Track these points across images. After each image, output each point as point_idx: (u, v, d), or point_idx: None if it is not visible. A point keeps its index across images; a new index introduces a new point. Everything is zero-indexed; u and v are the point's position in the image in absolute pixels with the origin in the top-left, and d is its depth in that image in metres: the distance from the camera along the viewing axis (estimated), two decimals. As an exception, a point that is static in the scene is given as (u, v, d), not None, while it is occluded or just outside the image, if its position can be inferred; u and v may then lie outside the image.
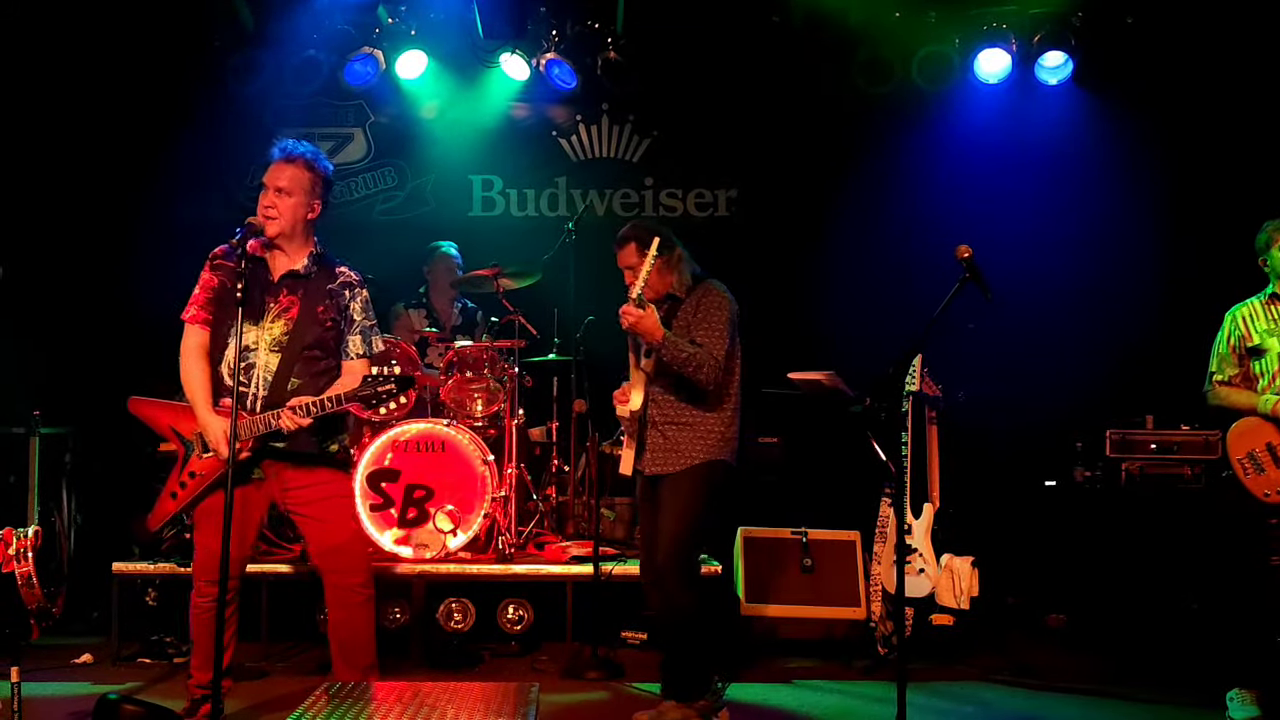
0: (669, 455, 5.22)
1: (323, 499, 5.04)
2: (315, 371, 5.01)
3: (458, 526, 6.55)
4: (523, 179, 8.78)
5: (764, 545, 6.82)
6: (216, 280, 5.01)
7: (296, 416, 4.82)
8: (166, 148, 7.98)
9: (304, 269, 5.03)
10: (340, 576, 5.03)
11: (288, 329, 4.96)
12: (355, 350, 5.11)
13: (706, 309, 5.22)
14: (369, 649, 5.09)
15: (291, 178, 4.96)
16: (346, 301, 5.10)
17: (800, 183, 8.46)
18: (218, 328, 4.99)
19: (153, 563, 6.50)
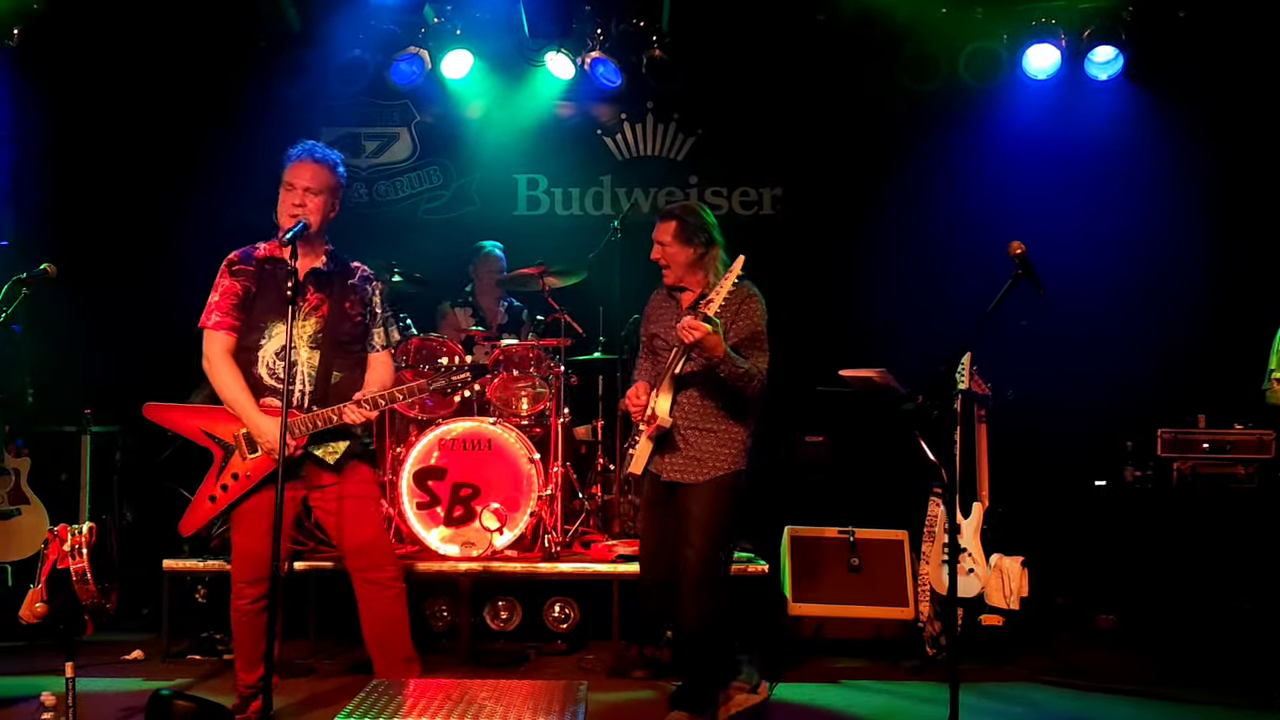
0: (692, 464, 5.15)
1: (353, 497, 5.08)
2: (351, 365, 5.11)
3: (504, 525, 6.55)
4: (567, 178, 8.79)
5: (811, 544, 6.78)
6: (239, 285, 5.04)
7: (363, 410, 4.88)
8: (210, 149, 8.03)
9: (325, 266, 5.09)
10: (370, 573, 5.07)
11: (321, 325, 5.02)
12: (380, 342, 5.20)
13: (748, 316, 5.16)
14: (405, 642, 5.12)
15: (320, 177, 5.01)
16: (369, 295, 5.20)
17: (846, 180, 8.42)
18: (245, 332, 5.03)
19: (202, 560, 6.53)
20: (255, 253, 5.08)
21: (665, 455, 5.20)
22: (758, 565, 6.50)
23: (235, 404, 4.96)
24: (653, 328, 5.36)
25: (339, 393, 4.98)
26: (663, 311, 5.35)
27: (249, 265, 5.05)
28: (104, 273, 7.74)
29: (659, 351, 5.30)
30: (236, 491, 4.99)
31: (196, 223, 7.88)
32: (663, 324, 5.30)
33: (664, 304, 5.38)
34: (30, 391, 7.50)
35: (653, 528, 5.29)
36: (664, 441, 5.17)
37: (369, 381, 5.08)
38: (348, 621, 6.55)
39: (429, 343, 7.08)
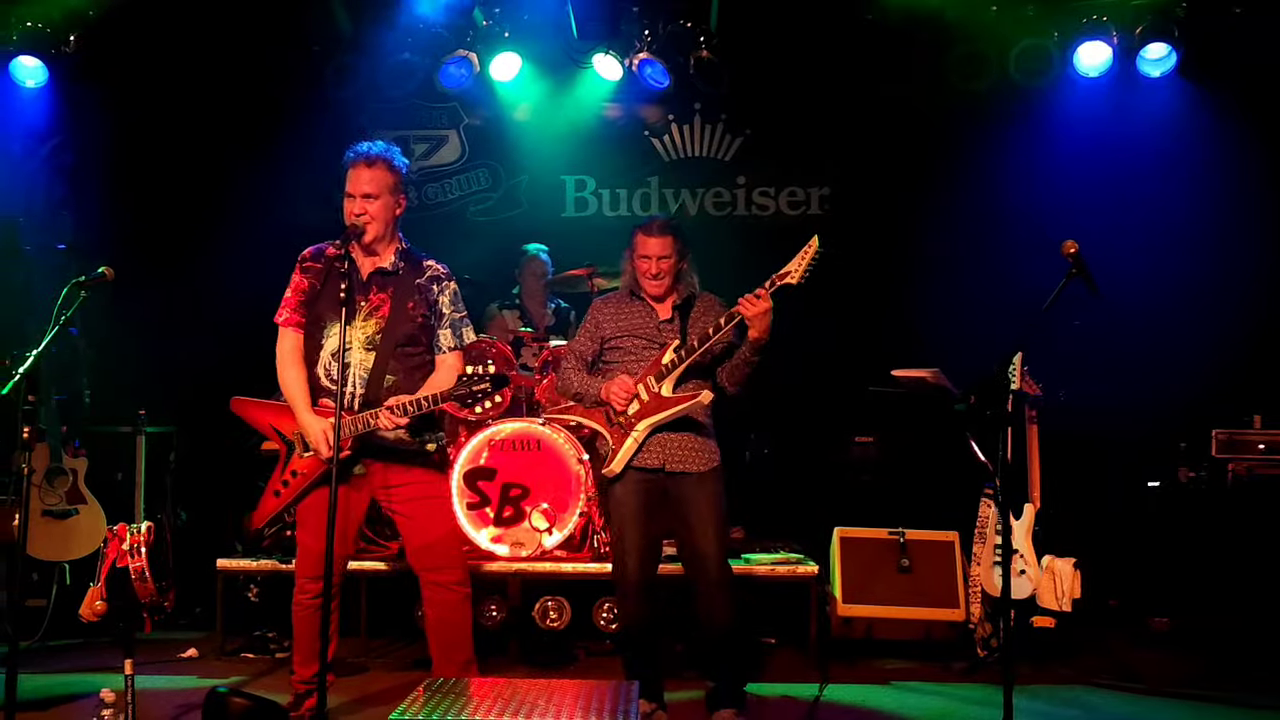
0: (694, 454, 5.24)
1: (419, 498, 5.08)
2: (409, 367, 5.07)
3: (553, 525, 6.58)
4: (615, 179, 8.81)
5: (861, 545, 6.76)
6: (306, 283, 5.08)
7: (394, 416, 4.87)
8: (263, 152, 8.11)
9: (392, 266, 5.09)
10: (436, 574, 5.07)
11: (380, 326, 5.01)
12: (446, 343, 5.15)
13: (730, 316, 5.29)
14: (467, 645, 5.12)
15: (377, 180, 5.00)
16: (435, 295, 5.14)
17: (894, 180, 8.38)
18: (310, 329, 5.07)
19: (255, 559, 6.60)
20: (327, 250, 5.10)
21: (663, 447, 5.23)
22: (807, 566, 6.49)
23: (290, 401, 5.03)
24: (619, 330, 5.38)
25: (392, 395, 4.98)
26: (629, 314, 5.40)
27: (318, 263, 5.09)
28: (159, 275, 7.82)
29: (632, 351, 5.34)
30: (295, 488, 5.05)
31: (250, 223, 7.95)
32: (636, 325, 5.37)
33: (627, 308, 5.42)
34: (87, 393, 7.62)
35: (642, 526, 5.26)
36: (662, 431, 5.22)
37: (430, 384, 5.05)
38: (399, 621, 6.65)
39: (478, 344, 7.11)
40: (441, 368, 5.13)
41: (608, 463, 5.27)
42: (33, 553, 6.59)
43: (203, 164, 8.25)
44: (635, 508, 5.26)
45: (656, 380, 5.21)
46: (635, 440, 5.21)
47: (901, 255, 8.20)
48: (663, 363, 5.22)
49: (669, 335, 5.32)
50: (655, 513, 5.31)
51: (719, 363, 5.32)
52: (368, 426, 4.91)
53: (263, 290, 5.25)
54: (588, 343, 5.45)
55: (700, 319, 5.34)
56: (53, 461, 6.74)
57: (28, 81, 7.91)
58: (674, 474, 5.23)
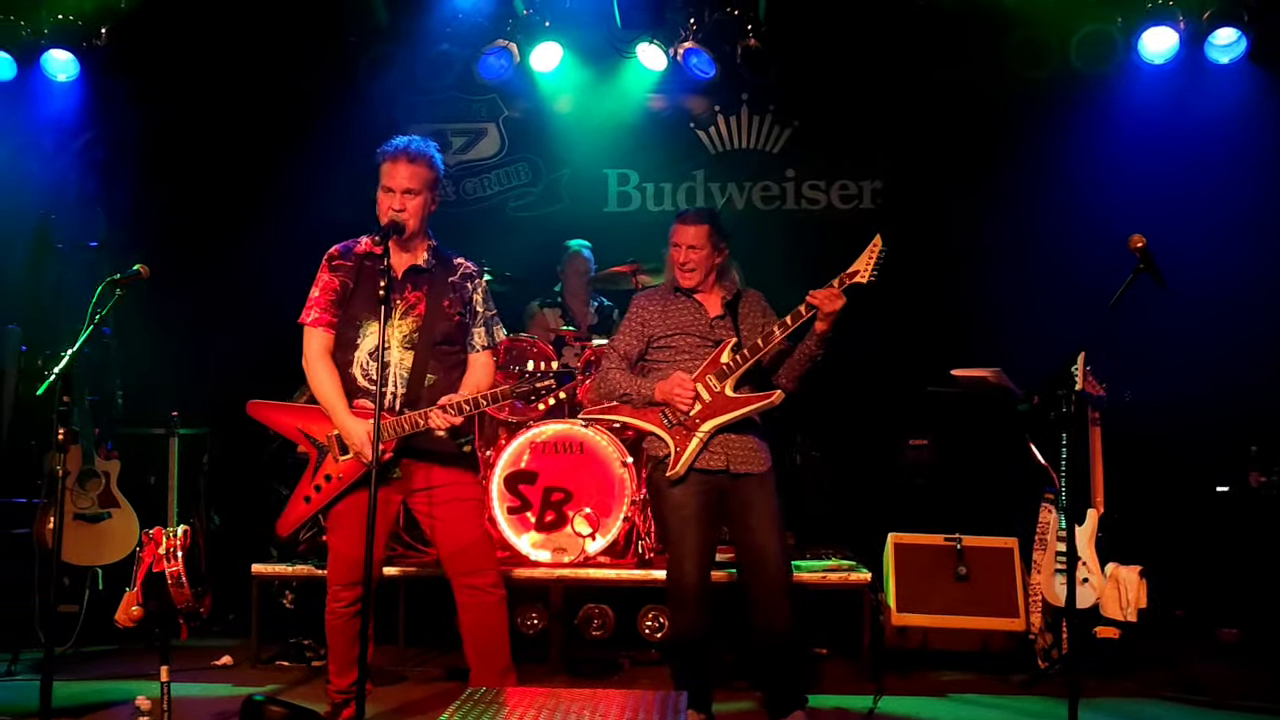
0: (756, 454, 5.32)
1: (454, 500, 5.10)
2: (448, 366, 5.11)
3: (596, 530, 6.60)
4: (659, 172, 8.83)
5: (916, 552, 6.73)
6: (338, 281, 5.10)
7: (448, 415, 4.89)
8: (297, 146, 8.17)
9: (425, 263, 5.13)
10: (470, 578, 5.09)
11: (417, 325, 5.05)
12: (480, 342, 5.20)
13: (771, 313, 5.43)
14: (504, 651, 5.14)
15: (418, 176, 5.02)
16: (470, 293, 5.19)
17: (950, 173, 8.34)
18: (342, 329, 5.09)
19: (290, 565, 6.65)
20: (356, 248, 5.14)
21: (725, 448, 5.27)
22: (860, 574, 6.47)
23: (327, 404, 5.04)
24: (668, 328, 5.40)
25: (433, 396, 5.00)
26: (677, 311, 5.42)
27: (348, 260, 5.12)
28: (191, 273, 7.89)
29: (685, 350, 5.36)
30: (330, 493, 5.07)
31: (283, 220, 8.00)
32: (686, 322, 5.39)
33: (674, 304, 5.44)
34: (119, 394, 7.70)
35: (703, 530, 5.27)
36: (721, 434, 5.26)
37: (466, 383, 5.09)
38: (438, 628, 6.68)
39: (519, 343, 7.16)
40: (476, 366, 5.18)
41: (671, 465, 5.27)
42: (65, 557, 6.64)
43: (235, 159, 8.33)
44: (696, 509, 5.27)
45: (718, 380, 5.25)
46: (700, 441, 5.24)
47: (958, 250, 8.15)
48: (722, 362, 5.25)
49: (722, 333, 5.35)
50: (714, 516, 5.34)
51: (775, 361, 5.35)
52: (416, 427, 4.94)
53: (296, 287, 5.27)
54: (633, 341, 5.46)
55: (751, 316, 5.40)
56: (85, 464, 6.81)
57: (59, 75, 8.03)
58: (738, 475, 5.27)
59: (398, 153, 5.00)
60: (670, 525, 5.33)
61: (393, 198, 4.99)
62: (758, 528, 5.23)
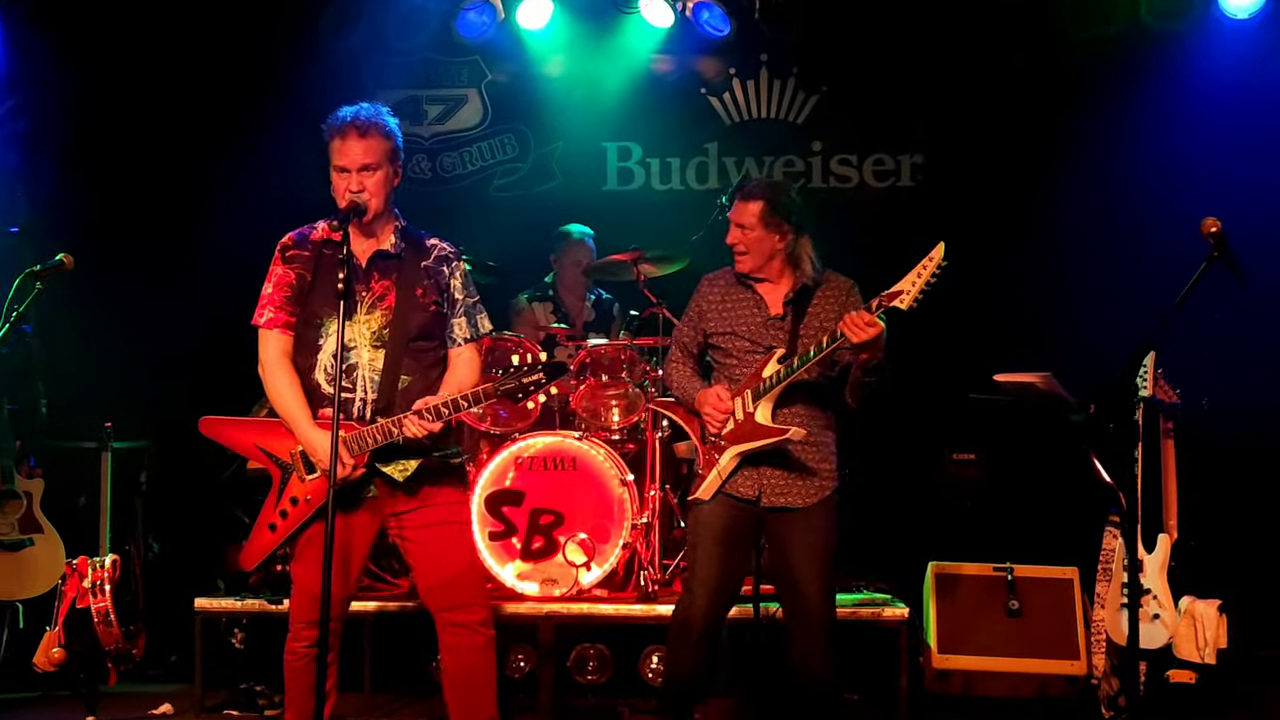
0: (798, 484, 5.20)
1: (440, 523, 5.05)
2: (425, 365, 5.05)
3: (592, 559, 6.60)
4: (666, 146, 8.83)
5: (960, 583, 6.74)
6: (294, 274, 5.04)
7: (425, 422, 4.83)
8: (251, 116, 8.17)
9: (393, 247, 5.06)
10: (456, 614, 5.06)
11: (387, 319, 5.00)
12: (462, 335, 5.13)
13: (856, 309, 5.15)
14: (489, 700, 5.12)
15: (373, 149, 4.94)
16: (446, 278, 5.12)
17: (1000, 146, 8.33)
18: (301, 329, 5.06)
19: (240, 599, 6.65)
20: (312, 235, 5.09)
21: (760, 475, 5.19)
22: (896, 608, 6.47)
23: (287, 415, 5.00)
24: (722, 324, 5.33)
25: (408, 400, 4.94)
26: (734, 304, 5.33)
27: (304, 250, 5.08)
28: (127, 263, 7.89)
29: (734, 354, 5.29)
30: (297, 518, 5.02)
31: (236, 201, 7.99)
32: (740, 320, 5.30)
33: (734, 295, 5.35)
34: (43, 402, 7.67)
35: (721, 563, 5.21)
36: (758, 458, 5.18)
37: (447, 383, 5.02)
38: (409, 671, 6.69)
39: (503, 342, 7.12)
40: (458, 364, 5.11)
41: (694, 488, 5.29)
42: (-20, 590, 6.67)
43: (179, 130, 8.31)
44: (719, 531, 5.23)
45: (754, 397, 5.15)
46: (719, 473, 5.21)
47: (1010, 235, 8.14)
48: (763, 376, 5.14)
49: (776, 337, 5.24)
50: (742, 542, 5.32)
51: (844, 373, 5.21)
52: (389, 437, 4.88)
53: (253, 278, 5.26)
54: (690, 332, 5.43)
55: (821, 315, 5.25)
56: (4, 483, 6.80)
57: (-31, 34, 8.02)
58: (773, 509, 5.21)
59: (345, 126, 4.95)
60: (691, 546, 5.33)
61: (348, 178, 4.95)
62: (798, 563, 5.17)
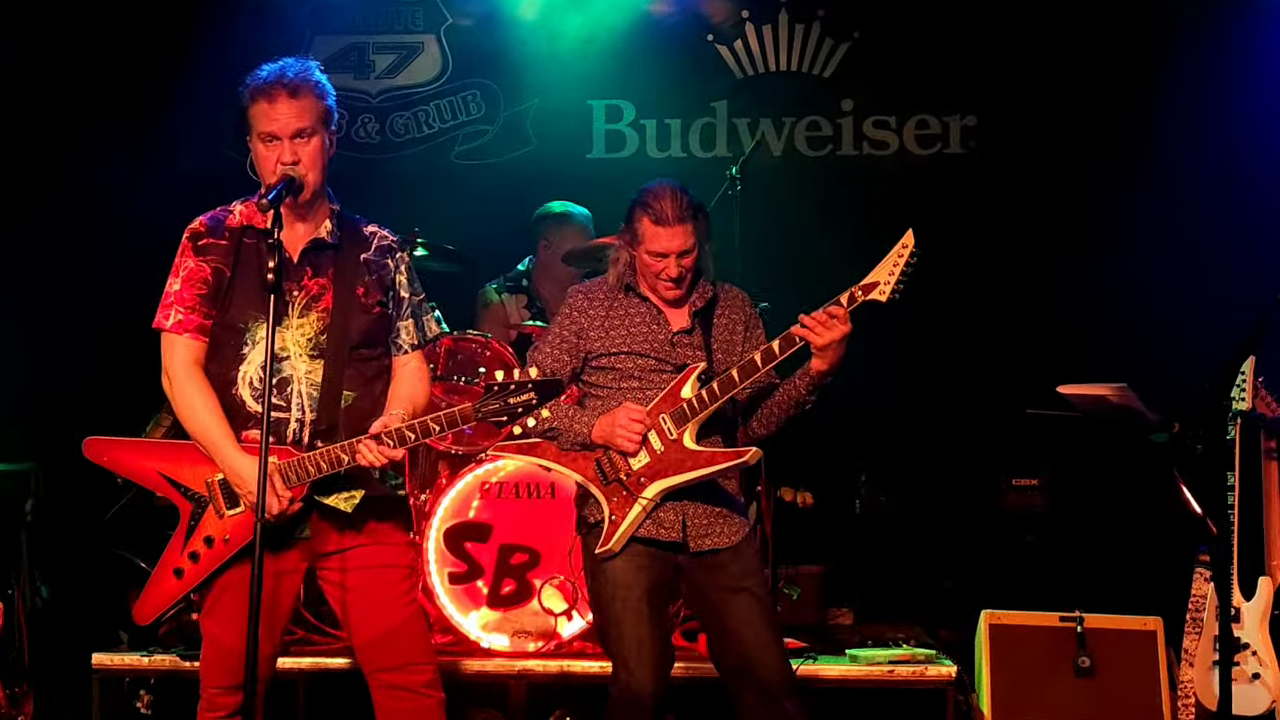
0: (723, 520, 5.26)
1: (382, 565, 5.03)
2: (369, 377, 5.01)
3: (574, 606, 6.61)
4: (665, 105, 8.86)
5: (1020, 636, 6.74)
6: (208, 268, 4.99)
7: (386, 448, 4.82)
8: (160, 71, 8.20)
9: (330, 236, 5.03)
10: (396, 674, 5.03)
11: (324, 323, 4.95)
12: (408, 340, 5.10)
13: (759, 324, 5.44)
14: (439, 777, 5.15)
15: (308, 111, 4.88)
16: (391, 273, 5.10)
17: (1070, 105, 8.38)
18: (220, 335, 5.03)
19: (147, 655, 6.63)
20: (229, 220, 5.06)
21: (682, 513, 5.22)
22: (941, 666, 6.50)
23: (205, 437, 4.96)
24: (613, 342, 5.34)
25: (353, 420, 4.92)
26: (626, 319, 5.36)
27: (221, 238, 5.02)
28: (8, 254, 7.89)
29: (634, 375, 5.30)
30: (211, 562, 4.98)
31: (139, 176, 8.01)
32: (639, 336, 5.34)
33: (622, 309, 5.38)
34: (-97, 416, 7.70)
35: (653, 626, 5.21)
36: (680, 494, 5.20)
37: (395, 397, 5.00)
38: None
39: (465, 344, 7.14)
40: (404, 375, 5.09)
41: (603, 537, 5.20)
42: None
43: (73, 90, 8.29)
44: (645, 587, 5.21)
45: (675, 423, 5.16)
46: (643, 509, 5.17)
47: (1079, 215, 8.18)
48: (683, 398, 5.15)
49: (686, 354, 5.28)
50: (667, 598, 5.37)
51: (751, 397, 5.31)
52: (337, 465, 4.86)
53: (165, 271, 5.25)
54: (563, 356, 5.38)
55: (729, 330, 5.36)
56: None
57: None
58: (701, 553, 5.23)
59: (272, 85, 4.90)
60: (610, 615, 5.27)
61: (279, 147, 4.91)
62: (739, 614, 5.18)
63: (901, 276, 4.95)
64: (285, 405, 4.89)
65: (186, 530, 4.99)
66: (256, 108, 4.89)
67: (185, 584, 4.97)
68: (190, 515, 4.99)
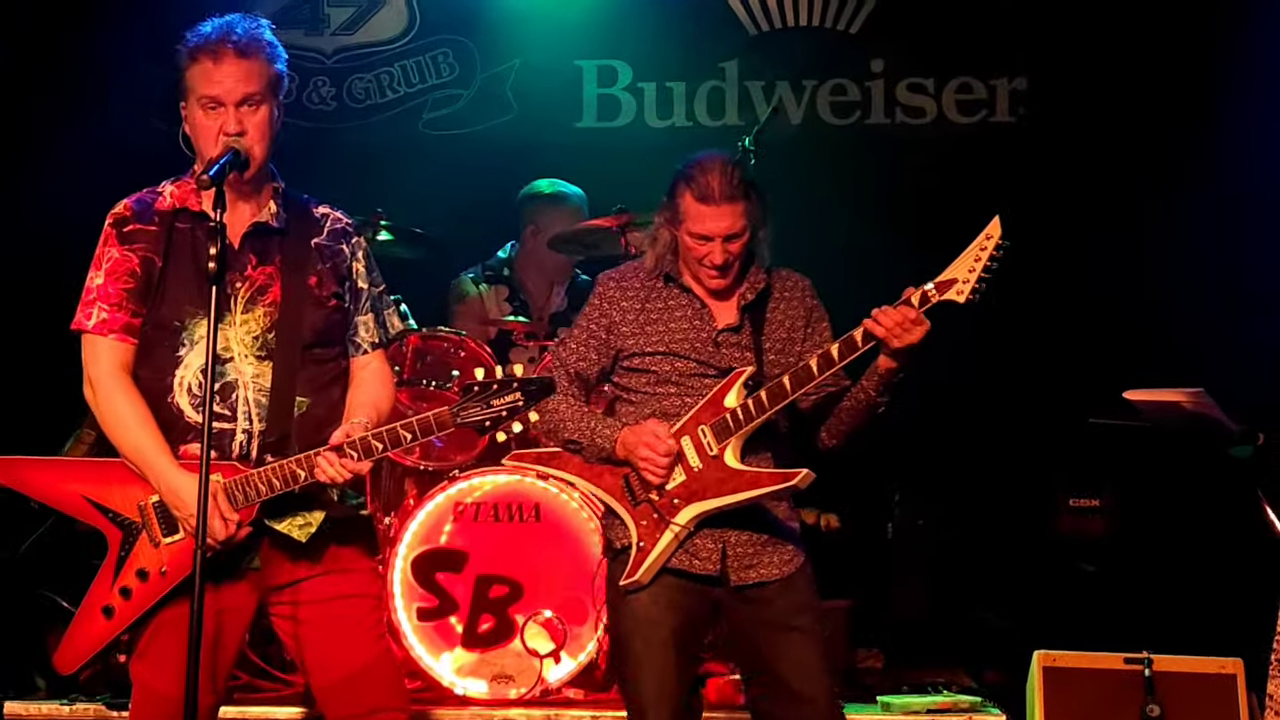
0: (771, 549, 5.20)
1: (343, 596, 5.02)
2: (325, 381, 5.00)
3: (562, 646, 6.61)
4: (666, 66, 8.87)
5: (1079, 680, 6.71)
6: (137, 258, 4.98)
7: (350, 461, 4.78)
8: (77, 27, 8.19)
9: (275, 219, 5.01)
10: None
11: (272, 319, 4.93)
12: (368, 337, 5.09)
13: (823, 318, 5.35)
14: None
15: (257, 74, 4.84)
16: (347, 262, 5.08)
17: (1138, 67, 8.38)
18: (151, 336, 4.98)
19: (68, 703, 6.64)
20: (158, 202, 5.04)
21: (722, 540, 5.16)
22: (988, 715, 6.51)
23: (137, 454, 4.92)
24: (649, 341, 5.29)
25: (307, 430, 4.90)
26: (665, 314, 5.32)
27: (150, 224, 4.99)
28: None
29: (671, 380, 5.25)
30: (146, 598, 4.96)
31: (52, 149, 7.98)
32: (678, 334, 5.28)
33: (660, 300, 5.34)
34: None
35: (678, 673, 5.17)
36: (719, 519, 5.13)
37: (355, 404, 4.98)
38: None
39: (436, 343, 7.14)
40: (365, 378, 5.09)
41: (630, 567, 5.16)
42: None
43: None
44: (673, 628, 5.18)
45: (716, 436, 5.10)
46: (675, 536, 5.12)
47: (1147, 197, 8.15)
48: (726, 407, 5.09)
49: (733, 355, 5.23)
50: (697, 640, 5.34)
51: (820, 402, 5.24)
52: (290, 483, 4.83)
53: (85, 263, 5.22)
54: (590, 354, 5.36)
55: (785, 325, 5.29)
56: None
57: None
58: (744, 587, 5.18)
59: (218, 43, 4.86)
60: (630, 656, 5.24)
61: (223, 115, 4.88)
62: (786, 660, 5.15)
63: (984, 273, 4.87)
64: (230, 414, 4.84)
65: (116, 562, 4.95)
66: (198, 68, 4.85)
67: (116, 624, 4.92)
68: (120, 544, 4.94)
